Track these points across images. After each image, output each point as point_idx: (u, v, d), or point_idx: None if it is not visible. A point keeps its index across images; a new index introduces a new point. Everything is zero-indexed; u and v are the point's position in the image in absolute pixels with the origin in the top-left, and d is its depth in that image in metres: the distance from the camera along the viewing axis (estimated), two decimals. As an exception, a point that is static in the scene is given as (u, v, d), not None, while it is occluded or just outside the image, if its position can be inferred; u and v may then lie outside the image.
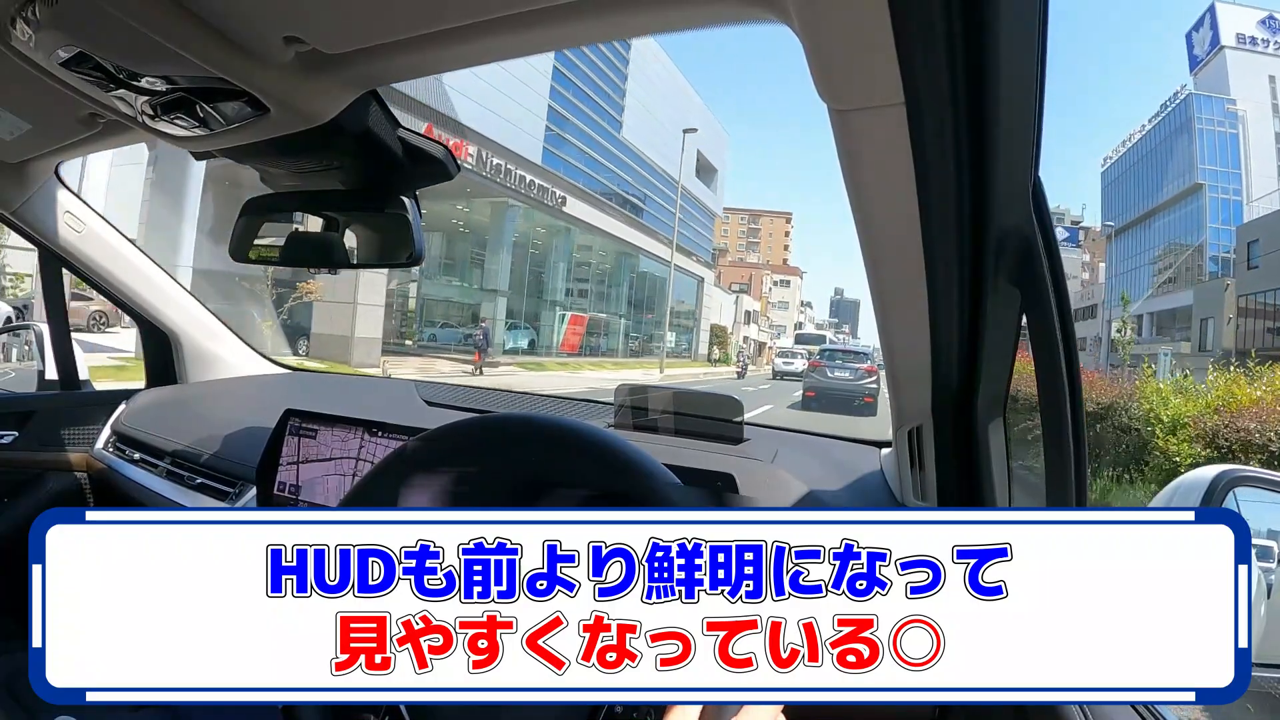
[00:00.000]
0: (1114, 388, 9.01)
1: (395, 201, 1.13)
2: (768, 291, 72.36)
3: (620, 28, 0.81)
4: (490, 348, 22.31)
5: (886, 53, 0.60)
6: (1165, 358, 27.82)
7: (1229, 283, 31.05)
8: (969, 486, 1.16)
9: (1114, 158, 48.80)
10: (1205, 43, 40.41)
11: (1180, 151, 39.76)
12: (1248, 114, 37.45)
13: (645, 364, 32.15)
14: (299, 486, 1.59)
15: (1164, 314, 36.47)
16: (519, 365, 24.19)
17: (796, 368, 28.52)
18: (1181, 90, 40.60)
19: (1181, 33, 43.63)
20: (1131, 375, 11.51)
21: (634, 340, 38.13)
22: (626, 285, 37.66)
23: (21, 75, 0.96)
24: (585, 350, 32.42)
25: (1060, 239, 28.85)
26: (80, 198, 1.94)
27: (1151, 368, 8.94)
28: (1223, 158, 37.95)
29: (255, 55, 0.83)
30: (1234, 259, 33.23)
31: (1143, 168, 43.83)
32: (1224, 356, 21.40)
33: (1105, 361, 31.93)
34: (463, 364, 20.85)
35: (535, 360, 26.52)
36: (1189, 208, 38.64)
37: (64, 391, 2.22)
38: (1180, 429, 7.71)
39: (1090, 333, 41.71)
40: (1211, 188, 37.65)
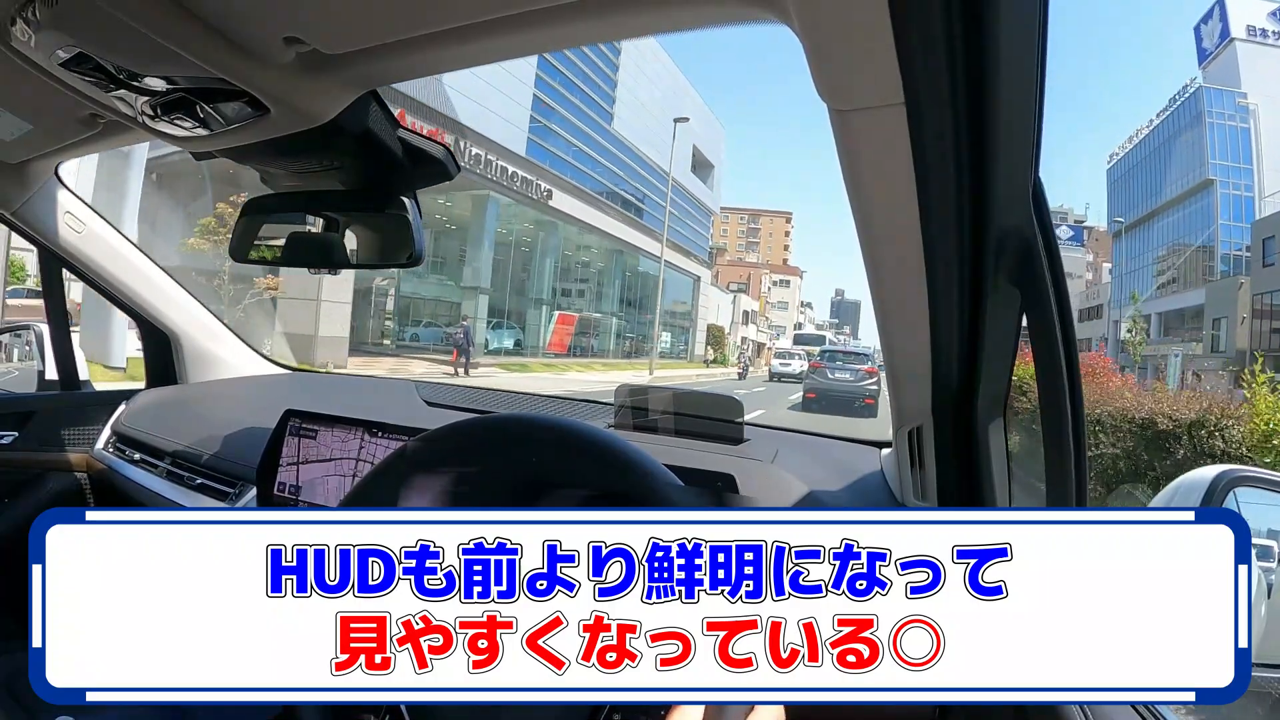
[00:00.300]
0: (1195, 401, 7.04)
1: (395, 202, 1.13)
2: (766, 291, 71.24)
3: (620, 28, 0.81)
4: (472, 347, 21.20)
5: (886, 53, 0.60)
6: (1176, 359, 27.28)
7: (1243, 281, 30.37)
8: (969, 486, 1.16)
9: (1120, 154, 47.89)
10: (1214, 35, 39.62)
11: (1190, 146, 38.76)
12: (1259, 108, 36.69)
13: (637, 365, 30.91)
14: (299, 487, 1.59)
15: (1172, 314, 35.51)
16: (500, 366, 22.82)
17: (794, 369, 28.25)
18: (1191, 83, 39.83)
19: (1186, 27, 43.08)
20: (1238, 385, 9.06)
21: (627, 341, 36.59)
22: (619, 284, 36.21)
23: (22, 75, 0.96)
24: (575, 351, 31.26)
25: (1065, 238, 28.73)
26: (80, 198, 1.94)
27: (1263, 374, 7.27)
28: (1234, 153, 37.06)
29: (255, 56, 0.83)
30: (1248, 256, 32.57)
31: (1151, 163, 43.00)
32: (1238, 358, 20.87)
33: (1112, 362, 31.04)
34: (441, 364, 20.00)
35: (519, 361, 25.28)
36: (1199, 204, 37.71)
37: (64, 392, 2.22)
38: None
39: (1096, 333, 40.75)
40: (1222, 184, 36.75)
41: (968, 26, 0.60)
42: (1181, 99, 40.44)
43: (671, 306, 39.86)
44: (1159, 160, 42.26)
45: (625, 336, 36.59)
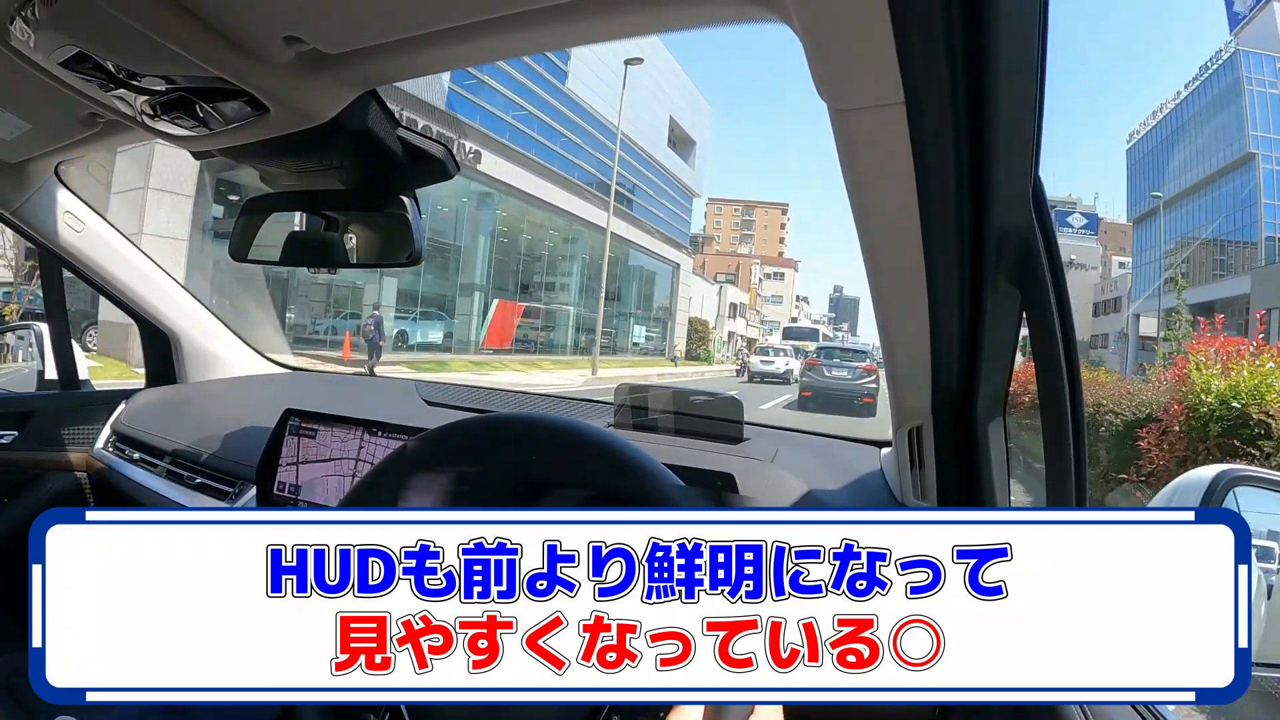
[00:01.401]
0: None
1: (395, 201, 1.13)
2: (757, 283, 67.73)
3: (620, 27, 0.81)
4: (383, 340, 17.95)
5: (886, 52, 0.60)
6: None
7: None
8: (969, 486, 1.16)
9: (1142, 131, 44.29)
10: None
11: (1226, 118, 35.14)
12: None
13: (604, 363, 25.08)
14: (299, 486, 1.59)
15: (1198, 307, 30.08)
16: (410, 364, 18.38)
17: (778, 368, 26.60)
18: (1226, 47, 36.62)
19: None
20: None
21: (586, 335, 29.66)
22: (579, 269, 30.66)
23: (21, 75, 0.96)
24: (523, 346, 26.27)
25: (1078, 226, 27.78)
26: (80, 198, 1.94)
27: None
28: (1276, 123, 33.55)
29: (255, 55, 0.83)
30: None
31: (1179, 140, 39.30)
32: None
33: (1133, 360, 28.71)
34: (329, 361, 16.57)
35: (438, 359, 20.50)
36: (1237, 181, 34.15)
37: (64, 391, 2.22)
38: None
39: (1114, 328, 38.34)
40: (1265, 157, 33.80)
41: (968, 25, 0.61)
42: (1215, 65, 37.20)
43: (650, 299, 37.61)
44: (1189, 136, 38.78)
45: (586, 330, 30.11)
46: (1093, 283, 46.62)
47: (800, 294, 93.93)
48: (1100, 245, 56.81)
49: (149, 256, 2.15)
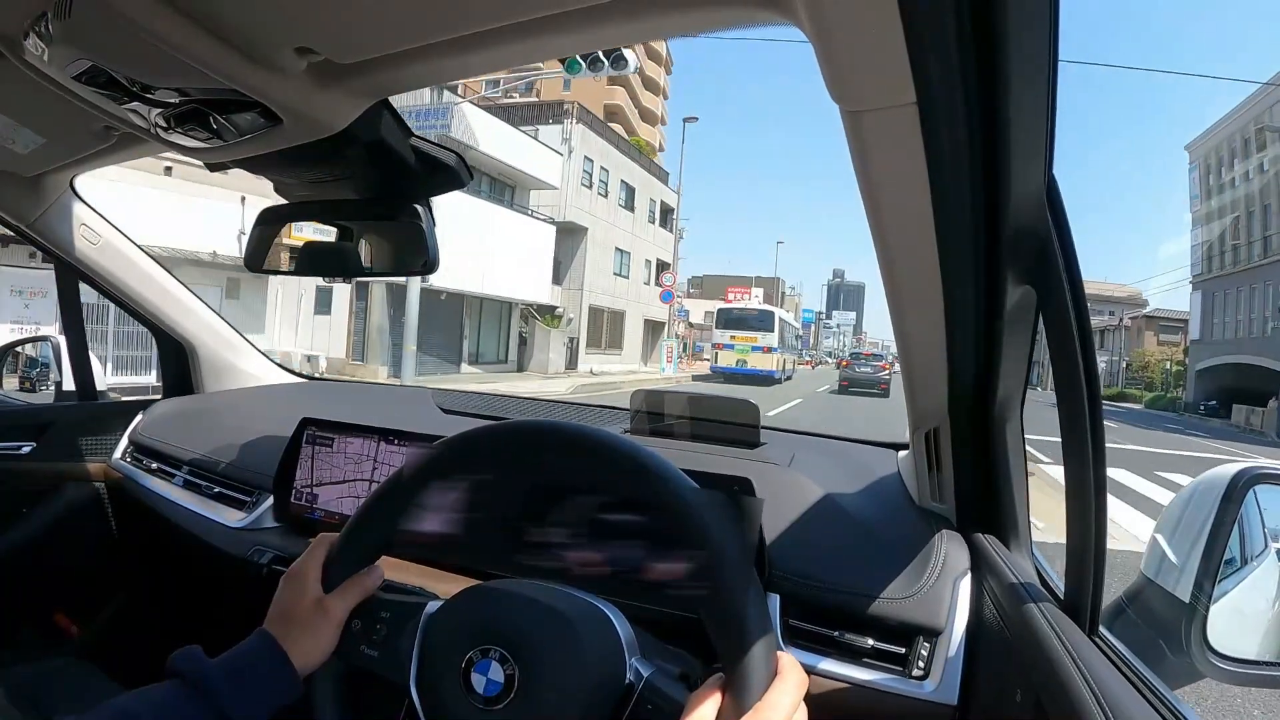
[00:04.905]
0: None
1: (408, 209, 1.13)
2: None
3: (629, 33, 0.81)
4: None
5: (897, 53, 0.60)
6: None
7: None
8: (986, 488, 1.15)
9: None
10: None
11: None
12: None
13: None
14: (316, 495, 1.60)
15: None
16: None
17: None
18: None
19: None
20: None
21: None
22: None
23: (36, 89, 0.97)
24: None
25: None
26: (96, 210, 1.96)
27: None
28: None
29: (267, 66, 0.83)
30: None
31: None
32: None
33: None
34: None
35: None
36: None
37: (81, 402, 2.24)
38: None
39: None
40: None
41: (979, 25, 0.60)
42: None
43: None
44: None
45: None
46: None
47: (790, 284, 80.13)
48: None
49: (165, 268, 2.17)
